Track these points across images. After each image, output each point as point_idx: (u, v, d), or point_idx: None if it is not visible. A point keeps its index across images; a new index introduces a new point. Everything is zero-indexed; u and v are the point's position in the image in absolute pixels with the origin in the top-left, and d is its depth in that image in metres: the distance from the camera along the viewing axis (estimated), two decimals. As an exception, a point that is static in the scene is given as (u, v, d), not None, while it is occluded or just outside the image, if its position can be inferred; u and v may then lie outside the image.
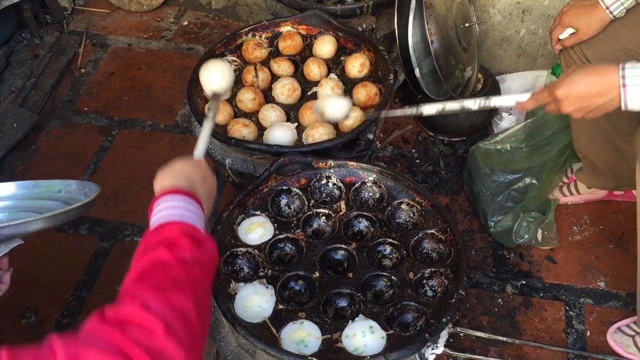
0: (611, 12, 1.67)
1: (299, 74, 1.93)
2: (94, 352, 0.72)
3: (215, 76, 1.41)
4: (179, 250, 0.87)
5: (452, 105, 1.42)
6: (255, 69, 1.88)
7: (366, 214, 1.57)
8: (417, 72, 2.05)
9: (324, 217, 1.58)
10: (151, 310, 0.76)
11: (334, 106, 1.53)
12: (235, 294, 1.39)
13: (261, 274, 1.44)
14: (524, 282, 2.01)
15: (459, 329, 1.59)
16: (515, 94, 1.38)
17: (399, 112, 1.55)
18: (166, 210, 0.95)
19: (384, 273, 1.45)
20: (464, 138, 2.43)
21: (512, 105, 1.39)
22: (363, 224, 1.57)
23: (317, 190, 1.63)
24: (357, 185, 1.62)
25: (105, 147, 2.47)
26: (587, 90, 1.22)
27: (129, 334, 0.73)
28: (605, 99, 1.22)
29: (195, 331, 0.80)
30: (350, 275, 1.44)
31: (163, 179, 1.05)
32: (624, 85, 1.18)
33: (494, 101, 1.37)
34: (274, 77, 1.92)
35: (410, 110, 1.48)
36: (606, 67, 1.22)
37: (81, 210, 1.25)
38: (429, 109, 1.44)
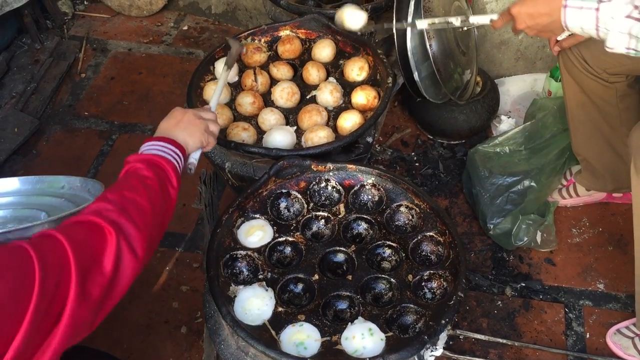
0: (608, 14, 1.68)
1: (298, 78, 1.94)
2: (81, 229, 1.01)
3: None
4: (134, 169, 1.20)
5: (440, 20, 1.68)
6: (255, 72, 1.89)
7: (365, 216, 1.57)
8: (415, 75, 2.06)
9: (323, 220, 1.58)
10: (109, 200, 1.08)
11: (351, 16, 1.86)
12: (235, 296, 1.39)
13: (261, 276, 1.45)
14: (524, 285, 2.01)
15: (458, 332, 1.60)
16: (489, 14, 1.58)
17: (397, 25, 1.90)
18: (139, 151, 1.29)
19: (383, 275, 1.45)
20: (463, 141, 2.43)
21: (486, 23, 1.59)
22: (362, 227, 1.58)
23: (316, 193, 1.63)
24: (356, 188, 1.62)
25: (106, 152, 2.48)
26: (536, 9, 1.38)
27: (100, 214, 1.04)
28: (551, 18, 1.37)
29: (147, 218, 1.10)
30: (350, 277, 1.45)
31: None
32: (564, 6, 1.32)
33: (473, 19, 1.62)
34: (273, 81, 1.93)
35: (402, 25, 1.85)
36: None
37: None
38: (421, 24, 1.73)
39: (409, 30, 1.98)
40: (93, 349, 1.40)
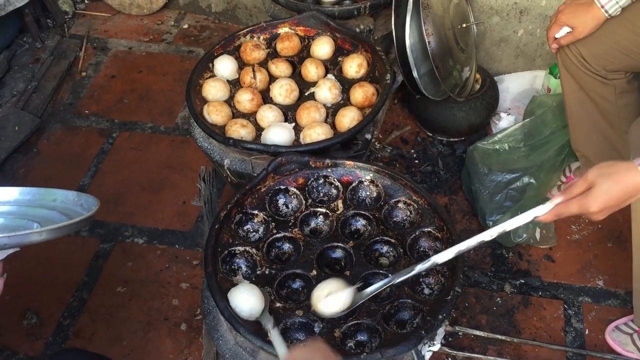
0: (606, 11, 1.68)
1: (296, 75, 1.94)
2: None
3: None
4: None
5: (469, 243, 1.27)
6: (254, 70, 1.90)
7: (363, 212, 1.57)
8: (414, 72, 2.06)
9: (321, 216, 1.59)
10: None
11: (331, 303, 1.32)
12: (233, 292, 1.39)
13: (259, 272, 1.45)
14: (523, 281, 2.01)
15: (457, 328, 1.60)
16: (532, 209, 1.27)
17: None
18: None
19: (381, 271, 1.45)
20: (463, 138, 2.43)
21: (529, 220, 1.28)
22: (360, 223, 1.58)
23: (314, 190, 1.63)
24: (354, 184, 1.63)
25: (106, 150, 2.49)
26: (621, 198, 1.22)
27: None
28: (635, 197, 1.24)
29: None
30: (348, 273, 1.45)
31: None
32: None
33: (510, 224, 1.28)
34: (272, 78, 1.93)
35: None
36: (626, 171, 1.21)
37: (82, 224, 1.25)
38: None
39: (407, 27, 1.99)
40: (85, 351, 1.40)
